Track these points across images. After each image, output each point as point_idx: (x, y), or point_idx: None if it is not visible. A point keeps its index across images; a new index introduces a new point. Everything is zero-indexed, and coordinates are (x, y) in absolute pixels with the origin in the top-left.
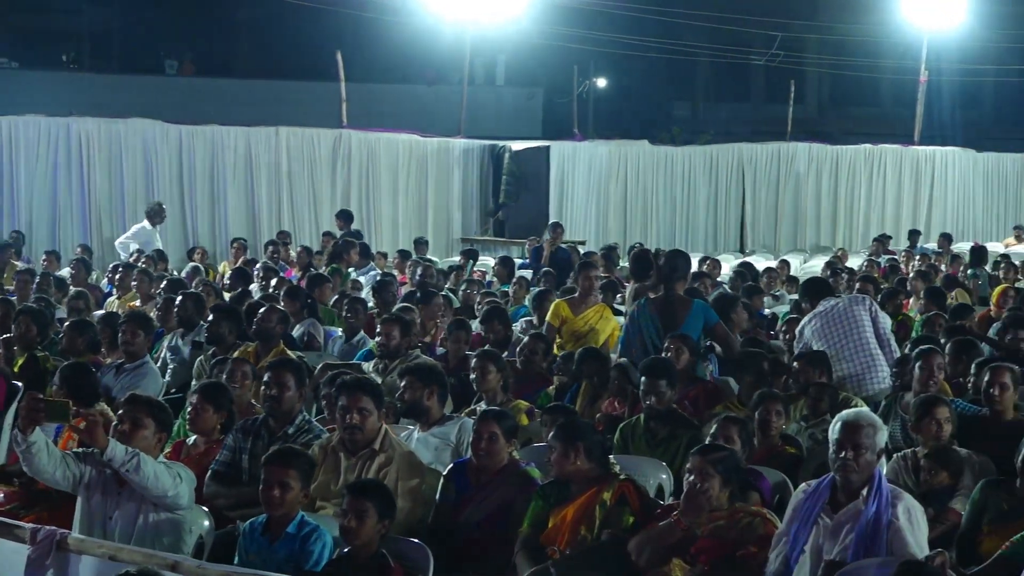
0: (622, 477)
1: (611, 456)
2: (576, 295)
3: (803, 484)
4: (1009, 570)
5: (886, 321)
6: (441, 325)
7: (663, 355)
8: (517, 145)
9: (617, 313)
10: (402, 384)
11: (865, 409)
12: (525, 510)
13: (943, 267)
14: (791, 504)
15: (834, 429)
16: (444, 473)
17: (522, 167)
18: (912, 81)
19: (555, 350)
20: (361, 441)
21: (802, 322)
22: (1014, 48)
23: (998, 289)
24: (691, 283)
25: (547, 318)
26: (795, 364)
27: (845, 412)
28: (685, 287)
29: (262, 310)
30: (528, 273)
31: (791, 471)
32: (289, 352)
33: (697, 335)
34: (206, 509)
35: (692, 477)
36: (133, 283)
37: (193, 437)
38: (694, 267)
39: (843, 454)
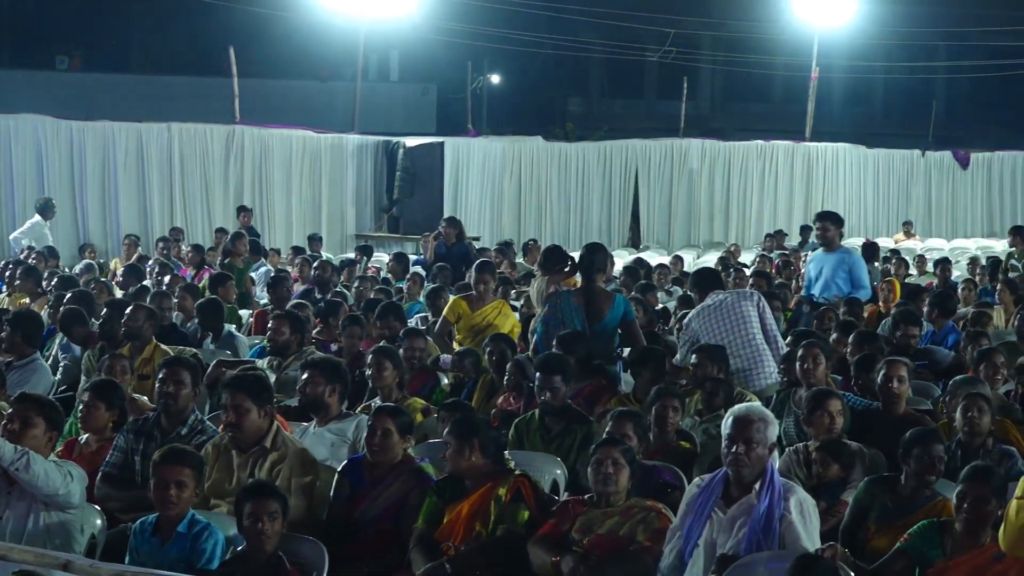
0: (517, 473)
1: (506, 452)
2: (474, 292)
3: (697, 479)
4: (907, 562)
5: (773, 317)
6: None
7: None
8: (411, 141)
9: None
10: (303, 377)
11: (756, 404)
12: (420, 506)
13: None
14: (685, 498)
15: (726, 424)
16: (339, 469)
17: (416, 163)
18: (803, 78)
19: (455, 346)
20: (243, 439)
21: (690, 315)
22: (903, 46)
23: (884, 283)
24: None
25: (443, 314)
26: (692, 357)
27: (736, 407)
28: (604, 280)
29: (129, 309)
30: (423, 269)
31: (685, 466)
32: (165, 347)
33: (615, 327)
34: (98, 508)
35: (603, 467)
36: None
37: (85, 435)
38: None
39: (734, 448)
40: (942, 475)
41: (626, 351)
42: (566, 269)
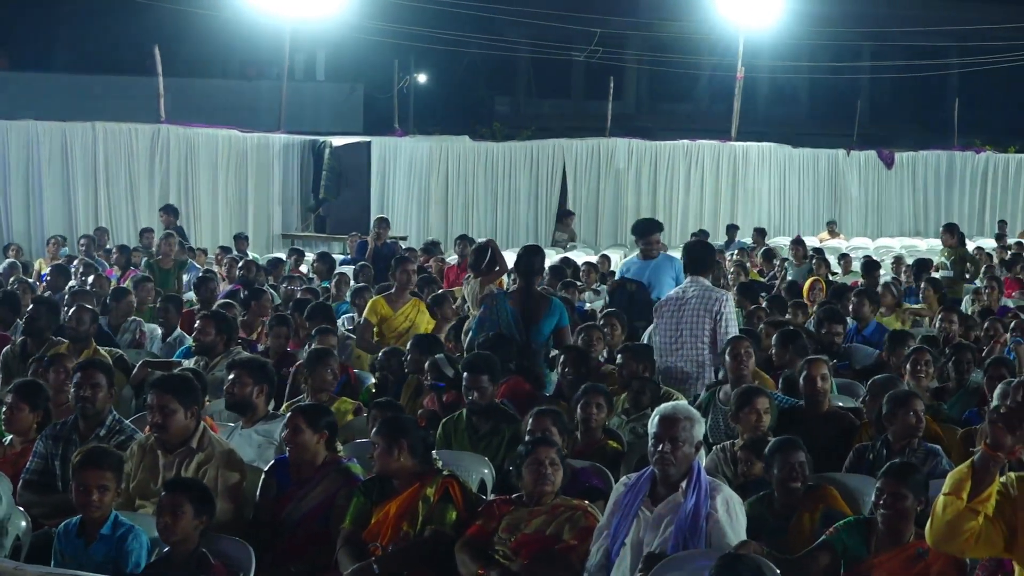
0: (445, 473)
1: (434, 451)
2: (393, 290)
3: (624, 477)
4: (832, 557)
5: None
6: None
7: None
8: (338, 140)
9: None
10: (231, 377)
11: (683, 402)
12: (347, 506)
13: (757, 262)
14: (612, 497)
15: (652, 423)
16: (265, 470)
17: (343, 162)
18: (729, 78)
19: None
20: (169, 440)
21: (661, 300)
22: (828, 46)
23: (808, 282)
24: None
25: (364, 315)
26: (619, 357)
27: (662, 406)
28: (540, 282)
29: (72, 311)
30: (350, 269)
31: (613, 465)
32: (101, 350)
33: (550, 332)
34: (23, 510)
35: (542, 467)
36: None
37: (9, 437)
38: (510, 262)
39: (661, 447)
40: (805, 483)
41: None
42: (496, 269)
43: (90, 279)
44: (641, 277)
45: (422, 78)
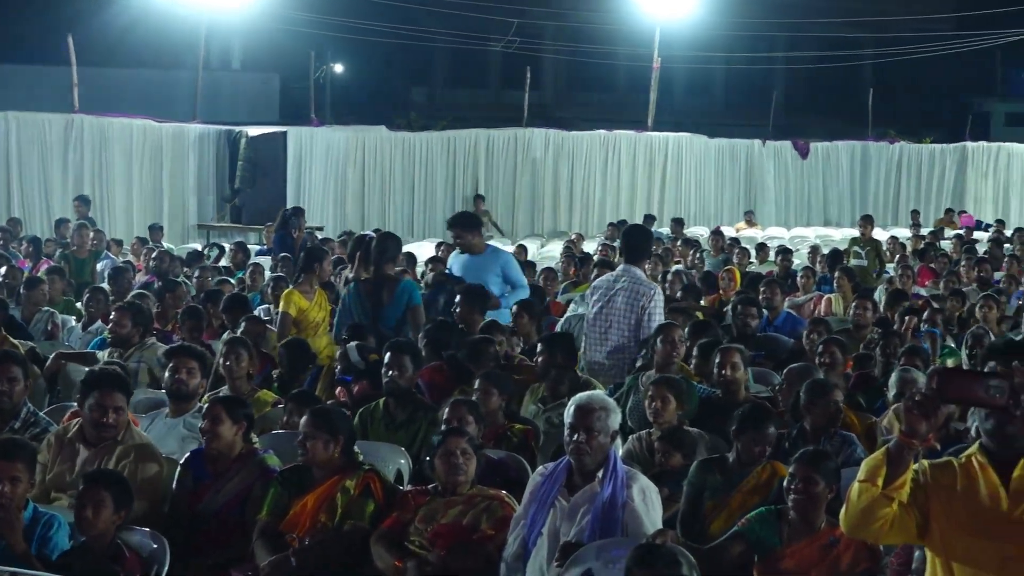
0: (366, 467)
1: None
2: (303, 281)
3: (540, 467)
4: (745, 547)
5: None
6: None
7: None
8: (254, 130)
9: None
10: (171, 365)
11: (598, 392)
12: (264, 497)
13: (677, 252)
14: (529, 487)
15: (568, 413)
16: (180, 462)
17: (259, 153)
18: (646, 68)
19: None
20: (109, 436)
21: (598, 280)
22: (743, 36)
23: (724, 272)
24: (427, 267)
25: (282, 308)
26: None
27: (578, 396)
28: (394, 269)
29: None
30: (266, 260)
31: (520, 450)
32: (13, 340)
33: (400, 314)
34: None
35: (453, 457)
36: None
37: None
38: (431, 252)
39: (576, 437)
40: (770, 454)
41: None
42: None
43: (2, 270)
44: (465, 274)
45: (339, 68)
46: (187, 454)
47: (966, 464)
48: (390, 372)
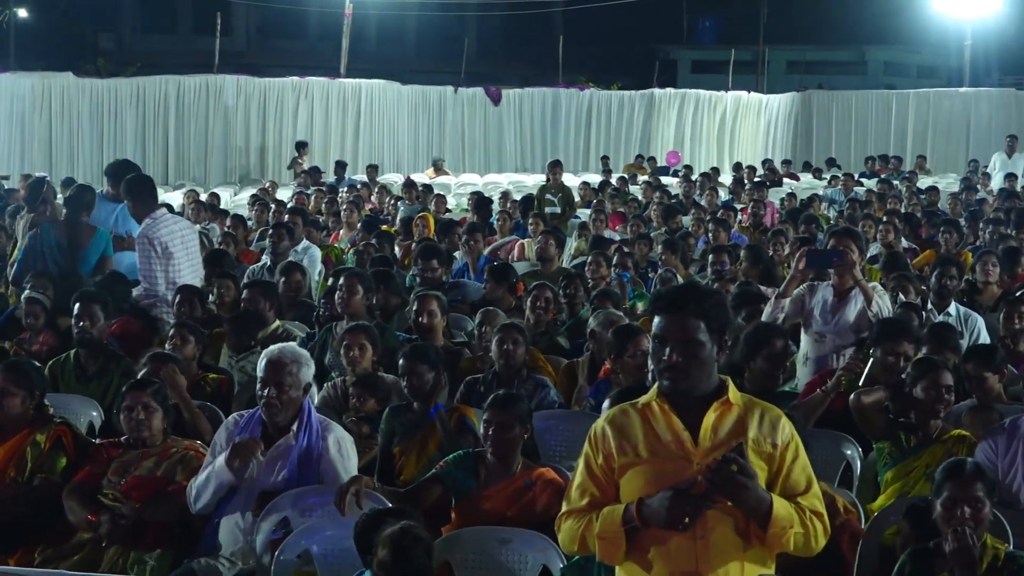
0: (57, 420)
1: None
2: None
3: (235, 415)
4: (443, 489)
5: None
6: None
7: None
8: None
9: None
10: None
11: (290, 344)
12: None
13: (373, 198)
14: (222, 436)
15: (260, 367)
16: None
17: None
18: (338, 15)
19: None
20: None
21: None
22: None
23: (418, 219)
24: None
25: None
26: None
27: (269, 349)
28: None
29: None
30: None
31: (213, 399)
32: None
33: (96, 260)
34: None
35: (135, 413)
36: None
37: None
38: None
39: (267, 391)
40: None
41: None
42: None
43: None
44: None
45: (23, 12)
46: None
47: (643, 409)
48: (80, 322)
